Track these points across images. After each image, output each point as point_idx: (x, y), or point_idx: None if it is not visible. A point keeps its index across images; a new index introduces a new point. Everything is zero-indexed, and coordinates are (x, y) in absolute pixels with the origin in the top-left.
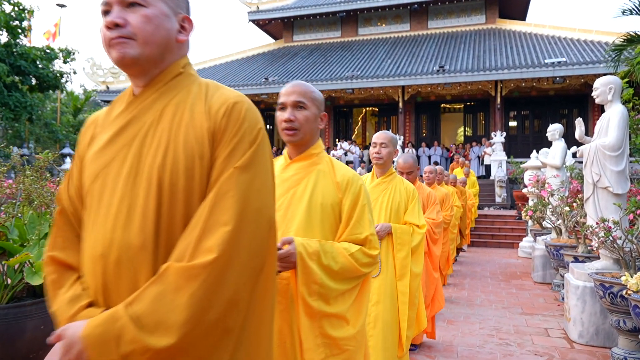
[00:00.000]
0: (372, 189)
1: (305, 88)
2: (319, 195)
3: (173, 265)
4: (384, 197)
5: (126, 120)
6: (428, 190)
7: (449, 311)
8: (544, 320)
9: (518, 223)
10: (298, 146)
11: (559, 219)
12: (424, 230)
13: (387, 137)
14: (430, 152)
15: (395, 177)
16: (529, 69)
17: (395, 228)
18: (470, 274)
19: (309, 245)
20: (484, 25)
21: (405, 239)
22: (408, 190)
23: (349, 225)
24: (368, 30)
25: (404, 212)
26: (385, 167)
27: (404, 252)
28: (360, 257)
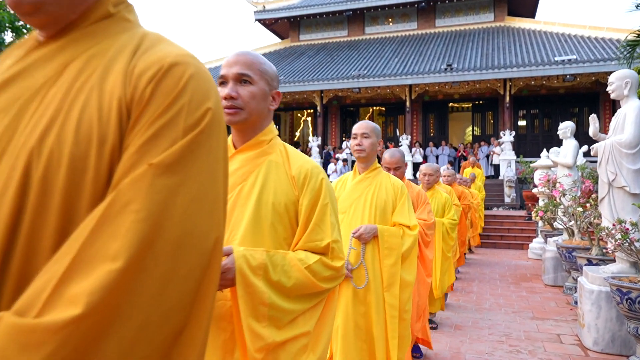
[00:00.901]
0: (354, 186)
1: (253, 58)
2: (270, 193)
3: (8, 320)
4: (368, 194)
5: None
6: (418, 189)
7: (457, 316)
8: (556, 325)
9: (528, 224)
10: (243, 130)
11: (571, 220)
12: (415, 232)
13: (369, 126)
14: (438, 152)
15: (381, 172)
16: (538, 67)
17: (382, 230)
18: (479, 276)
19: (252, 257)
20: (493, 23)
21: (394, 243)
22: (396, 186)
23: (306, 230)
24: (375, 29)
25: (392, 212)
26: (369, 160)
27: (392, 258)
28: (320, 270)
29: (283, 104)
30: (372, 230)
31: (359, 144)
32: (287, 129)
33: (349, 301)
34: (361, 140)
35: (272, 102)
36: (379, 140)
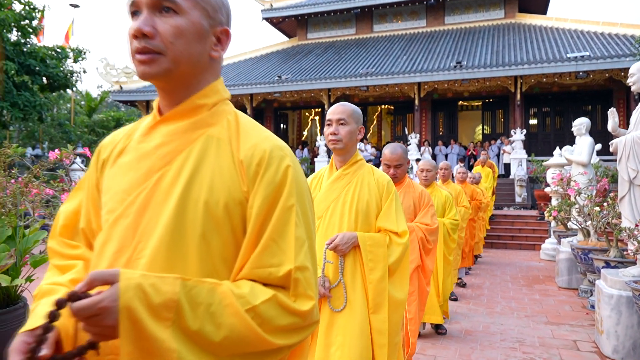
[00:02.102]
0: (330, 185)
1: None
2: (203, 187)
3: None
4: (348, 195)
5: None
6: (420, 189)
7: (467, 319)
8: (572, 331)
9: (540, 224)
10: (169, 90)
11: (587, 220)
12: (405, 240)
13: (346, 110)
14: (447, 151)
15: (363, 167)
16: (550, 64)
17: (363, 239)
18: (490, 277)
19: (155, 290)
20: (503, 20)
21: (378, 254)
22: (381, 183)
23: (256, 247)
24: (383, 27)
25: (377, 215)
26: (347, 152)
27: (378, 272)
28: (272, 316)
29: (290, 102)
30: (351, 239)
31: (333, 132)
32: (295, 128)
33: (324, 329)
34: (337, 128)
35: (217, 46)
36: (360, 127)
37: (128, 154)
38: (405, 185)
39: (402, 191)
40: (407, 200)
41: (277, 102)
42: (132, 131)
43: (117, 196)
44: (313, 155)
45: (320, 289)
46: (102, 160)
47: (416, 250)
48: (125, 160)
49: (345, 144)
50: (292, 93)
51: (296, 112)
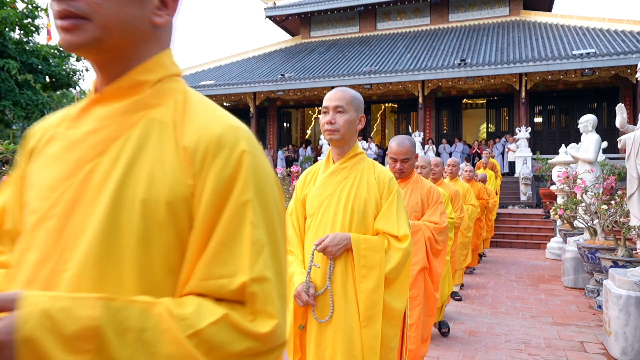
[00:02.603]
0: (325, 180)
1: None
2: (140, 183)
3: None
4: (343, 191)
5: None
6: (429, 185)
7: (471, 320)
8: (578, 332)
9: (545, 222)
10: (103, 63)
11: (593, 219)
12: (406, 245)
13: (345, 96)
14: (451, 149)
15: (363, 161)
16: (555, 61)
17: (357, 241)
18: (494, 277)
19: (69, 315)
20: (508, 17)
21: (374, 259)
22: (382, 180)
23: (204, 253)
24: (387, 25)
25: (375, 216)
26: (345, 143)
27: (372, 281)
28: (223, 341)
29: (294, 101)
30: (343, 241)
31: (330, 121)
32: (299, 127)
33: (314, 341)
34: (334, 116)
35: (161, 10)
36: (360, 116)
37: (56, 142)
38: (412, 181)
39: (409, 187)
40: (415, 197)
41: (280, 100)
42: (66, 115)
43: (40, 193)
44: (316, 154)
45: (303, 296)
46: (29, 149)
47: (422, 251)
48: (53, 149)
49: (343, 134)
50: (295, 91)
51: (299, 111)
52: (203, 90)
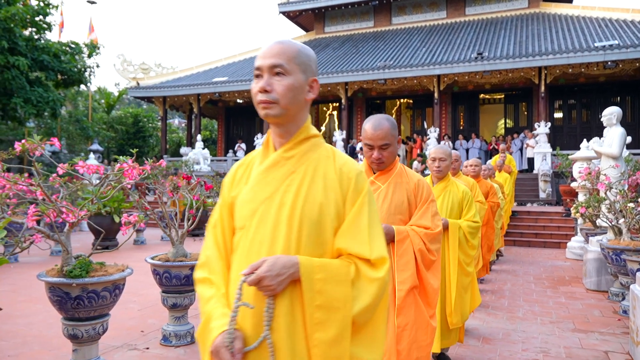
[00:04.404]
0: (262, 176)
1: None
2: None
3: None
4: (288, 193)
5: None
6: (416, 178)
7: (485, 325)
8: (602, 340)
9: (565, 221)
10: None
11: (618, 217)
12: (383, 273)
13: (286, 50)
14: (468, 145)
15: (318, 148)
16: (576, 54)
17: (308, 268)
18: (511, 278)
19: None
20: (527, 9)
21: (334, 296)
22: (346, 175)
23: None
24: (402, 19)
25: (336, 229)
26: (290, 121)
27: (332, 329)
28: None
29: None
30: (287, 268)
31: (264, 88)
32: (312, 123)
33: None
34: (269, 81)
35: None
36: (311, 80)
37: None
38: (395, 174)
39: (391, 182)
40: (399, 195)
41: None
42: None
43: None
44: None
45: (223, 354)
46: None
47: (411, 265)
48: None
49: (285, 106)
50: None
51: (314, 107)
52: (216, 87)
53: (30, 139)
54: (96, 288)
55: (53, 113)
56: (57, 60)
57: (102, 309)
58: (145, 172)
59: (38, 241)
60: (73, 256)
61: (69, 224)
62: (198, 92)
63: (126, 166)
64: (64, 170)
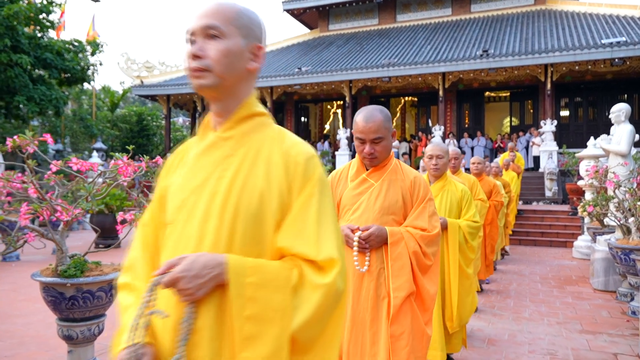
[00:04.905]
0: (196, 161)
1: None
2: None
3: None
4: (222, 180)
5: None
6: (413, 175)
7: (491, 326)
8: (611, 342)
9: (572, 219)
10: None
11: (627, 216)
12: (331, 278)
13: (223, 11)
14: (473, 143)
15: (264, 129)
16: (583, 51)
17: (239, 269)
18: (517, 278)
19: None
20: (533, 6)
21: (270, 305)
22: (293, 159)
23: None
24: (407, 17)
25: (278, 223)
26: (228, 94)
27: (265, 346)
28: None
29: (311, 95)
30: (210, 269)
31: (196, 53)
32: (317, 122)
33: None
34: (202, 46)
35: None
36: (253, 45)
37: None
38: (390, 171)
39: (385, 179)
40: (393, 193)
41: (297, 94)
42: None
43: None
44: (334, 149)
45: None
46: None
47: (406, 270)
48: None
49: (220, 74)
50: (312, 85)
51: (318, 106)
52: None
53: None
54: (91, 288)
55: (56, 111)
56: (60, 58)
57: (97, 309)
58: (141, 170)
59: (31, 240)
60: (68, 255)
61: (63, 222)
62: None
63: (121, 163)
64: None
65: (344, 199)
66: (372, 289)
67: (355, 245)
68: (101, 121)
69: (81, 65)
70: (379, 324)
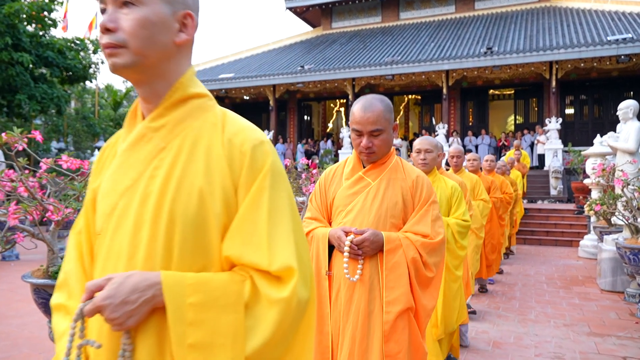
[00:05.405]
0: (124, 157)
1: None
2: None
3: None
4: (155, 179)
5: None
6: (415, 174)
7: (496, 328)
8: (620, 344)
9: (577, 218)
10: None
11: (636, 215)
12: (288, 292)
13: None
14: (477, 142)
15: (203, 113)
16: (588, 48)
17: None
18: (522, 278)
19: None
20: (537, 3)
21: (216, 327)
22: (237, 149)
23: None
24: (410, 14)
25: (224, 228)
26: (152, 74)
27: None
28: None
29: (314, 93)
30: (141, 291)
31: (106, 26)
32: (320, 120)
33: None
34: (114, 16)
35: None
36: (183, 13)
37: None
38: (389, 169)
39: (383, 178)
40: (392, 194)
41: (300, 93)
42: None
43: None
44: (337, 148)
45: None
46: None
47: (403, 281)
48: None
49: (138, 51)
50: (315, 83)
51: (321, 104)
52: (222, 83)
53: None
54: None
55: (58, 110)
56: (61, 56)
57: None
58: None
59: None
60: (59, 256)
61: (54, 222)
62: None
63: None
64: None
65: (337, 199)
66: (364, 301)
67: (346, 250)
68: (104, 120)
69: (83, 64)
70: (368, 341)
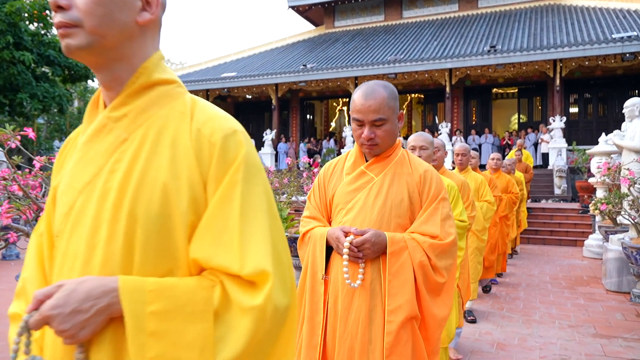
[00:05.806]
0: (84, 150)
1: None
2: None
3: None
4: (115, 174)
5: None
6: (423, 169)
7: (500, 330)
8: (627, 346)
9: (582, 218)
10: None
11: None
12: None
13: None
14: (480, 140)
15: (170, 101)
16: (593, 46)
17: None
18: (526, 278)
19: None
20: (541, 1)
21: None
22: (206, 140)
23: None
24: (413, 13)
25: (191, 227)
26: (112, 56)
27: None
28: None
29: (316, 92)
30: (95, 299)
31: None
32: (322, 119)
33: None
34: None
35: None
36: None
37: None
38: (394, 163)
39: (387, 173)
40: (398, 191)
41: (302, 91)
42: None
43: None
44: (340, 147)
45: None
46: None
47: (408, 286)
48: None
49: (94, 30)
50: (318, 82)
51: (323, 103)
52: (225, 82)
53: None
54: None
55: (60, 109)
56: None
57: None
58: None
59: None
60: None
61: None
62: (207, 87)
63: None
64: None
65: (337, 196)
66: (364, 309)
67: (345, 253)
68: None
69: None
70: (369, 354)
